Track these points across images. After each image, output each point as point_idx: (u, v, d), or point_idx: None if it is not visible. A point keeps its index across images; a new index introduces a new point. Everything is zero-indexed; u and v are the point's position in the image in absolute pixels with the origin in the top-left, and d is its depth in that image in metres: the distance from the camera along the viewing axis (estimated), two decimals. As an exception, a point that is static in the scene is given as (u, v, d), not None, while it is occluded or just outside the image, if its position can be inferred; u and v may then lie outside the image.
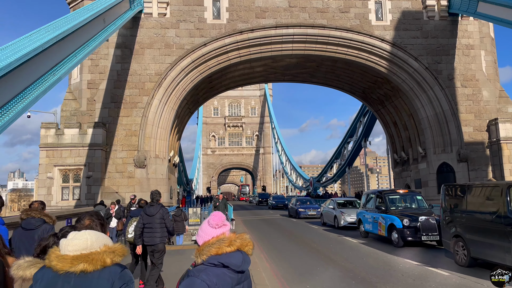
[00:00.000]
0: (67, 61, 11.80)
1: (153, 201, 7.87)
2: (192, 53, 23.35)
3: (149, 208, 7.73)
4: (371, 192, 16.48)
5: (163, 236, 7.66)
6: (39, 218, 4.90)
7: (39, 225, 4.81)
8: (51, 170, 21.08)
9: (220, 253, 2.40)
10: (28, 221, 4.85)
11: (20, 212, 5.61)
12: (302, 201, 28.78)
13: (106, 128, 22.31)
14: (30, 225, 4.82)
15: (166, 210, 8.02)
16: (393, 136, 30.17)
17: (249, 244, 2.54)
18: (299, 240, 16.28)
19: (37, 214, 4.96)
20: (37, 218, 4.88)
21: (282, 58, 26.05)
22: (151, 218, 7.61)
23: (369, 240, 15.32)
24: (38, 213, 5.02)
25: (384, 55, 24.73)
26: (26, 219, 4.88)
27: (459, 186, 10.30)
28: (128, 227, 8.47)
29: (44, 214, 5.09)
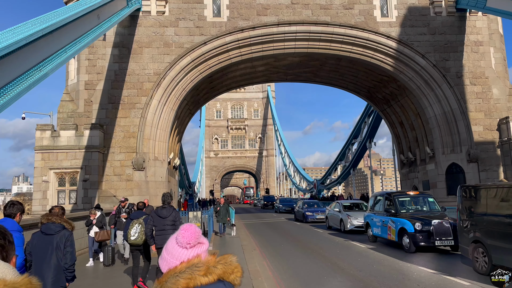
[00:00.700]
0: (56, 56, 11.10)
1: (165, 203, 7.93)
2: (191, 52, 22.65)
3: (162, 210, 7.77)
4: (379, 194, 15.66)
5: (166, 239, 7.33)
6: (59, 223, 4.91)
7: (59, 231, 4.83)
8: (47, 173, 20.40)
9: (192, 286, 1.64)
10: (48, 226, 4.85)
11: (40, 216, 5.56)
12: (309, 204, 27.70)
13: (103, 129, 21.63)
14: (49, 230, 4.82)
15: (178, 213, 8.13)
16: (399, 136, 29.32)
17: (236, 271, 1.78)
18: (304, 245, 15.48)
19: (57, 220, 4.96)
20: (57, 224, 4.90)
21: (284, 56, 25.31)
22: (163, 220, 7.67)
23: (378, 245, 14.50)
24: (58, 218, 5.01)
25: (390, 53, 23.94)
26: (46, 224, 4.88)
27: (479, 187, 9.49)
28: (130, 229, 8.42)
29: (64, 220, 5.08)
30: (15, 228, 4.65)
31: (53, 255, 4.67)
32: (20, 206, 4.91)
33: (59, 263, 4.67)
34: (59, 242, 4.72)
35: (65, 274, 4.69)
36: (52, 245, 4.70)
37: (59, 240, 4.73)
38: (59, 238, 4.76)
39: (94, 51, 23.45)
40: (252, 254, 13.13)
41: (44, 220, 4.91)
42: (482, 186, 9.55)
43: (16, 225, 4.76)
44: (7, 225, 4.51)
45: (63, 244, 4.74)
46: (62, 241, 4.73)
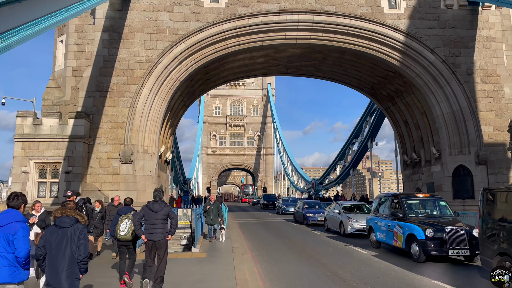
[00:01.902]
0: (24, 28, 9.72)
1: (156, 198, 7.97)
2: (186, 39, 21.25)
3: (154, 204, 7.83)
4: (385, 196, 14.32)
5: (165, 232, 7.80)
6: (73, 216, 5.02)
7: (73, 224, 4.95)
8: (27, 163, 19.00)
9: None
10: (62, 219, 4.96)
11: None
12: (310, 204, 26.05)
13: (89, 118, 20.23)
14: (64, 223, 4.94)
15: (171, 208, 8.24)
16: (403, 136, 27.97)
17: None
18: (301, 249, 14.12)
19: (71, 213, 5.06)
20: (71, 217, 5.01)
21: (285, 47, 23.92)
22: (154, 214, 7.74)
23: (382, 252, 13.15)
24: (72, 211, 5.11)
25: (397, 46, 22.57)
26: (60, 217, 4.98)
27: (509, 191, 8.13)
28: (119, 225, 8.39)
29: (77, 213, 5.18)
30: (20, 219, 4.85)
31: (67, 248, 4.79)
32: (24, 198, 5.09)
33: (73, 255, 4.79)
34: (73, 234, 4.85)
35: (78, 266, 4.82)
36: (67, 237, 4.83)
37: (73, 233, 4.87)
38: (73, 230, 4.90)
39: (83, 35, 22.03)
40: (242, 258, 11.79)
41: (58, 214, 5.01)
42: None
43: (21, 216, 4.94)
44: (12, 216, 4.82)
45: (77, 237, 4.86)
46: (76, 234, 4.86)
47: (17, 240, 4.66)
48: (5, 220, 4.79)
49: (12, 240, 4.67)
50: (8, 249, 4.67)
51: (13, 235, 4.68)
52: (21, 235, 4.69)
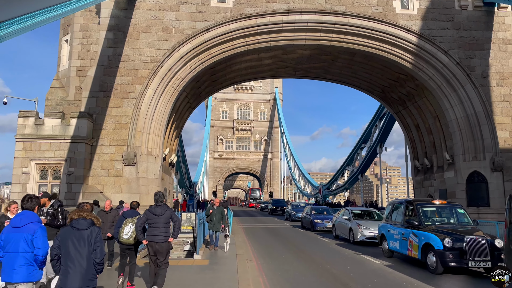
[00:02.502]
0: (18, 21, 9.22)
1: (158, 202, 7.96)
2: (192, 39, 20.76)
3: (156, 208, 7.84)
4: (398, 202, 13.57)
5: (167, 235, 7.77)
6: (90, 219, 5.10)
7: (89, 226, 5.02)
8: (28, 164, 18.56)
9: None
10: (79, 221, 5.02)
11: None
12: (318, 210, 25.16)
13: (92, 119, 19.77)
14: (81, 225, 4.99)
15: (173, 211, 8.21)
16: (415, 141, 27.17)
17: None
18: (309, 257, 13.42)
19: (88, 215, 5.14)
20: (88, 220, 5.08)
21: (293, 49, 23.33)
22: (156, 217, 7.74)
23: (395, 262, 12.40)
24: (89, 214, 5.20)
25: (409, 48, 21.87)
26: (77, 219, 5.04)
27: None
28: (123, 228, 8.38)
29: (93, 215, 5.26)
30: (36, 220, 5.03)
31: (84, 249, 4.86)
32: (37, 200, 5.35)
33: (90, 256, 4.88)
34: (89, 237, 4.93)
35: (95, 267, 4.91)
36: (84, 239, 4.90)
37: (89, 235, 4.94)
38: (90, 233, 4.97)
39: (88, 35, 21.68)
40: (247, 266, 11.12)
41: (75, 216, 5.06)
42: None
43: (37, 217, 5.12)
44: (29, 217, 4.98)
45: (93, 240, 4.94)
46: (92, 237, 4.94)
47: (36, 239, 4.92)
48: (23, 221, 5.01)
49: (32, 240, 4.91)
50: (27, 249, 4.90)
51: (32, 235, 4.92)
52: (40, 234, 4.97)
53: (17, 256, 4.88)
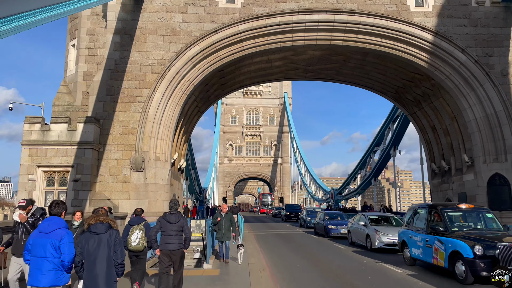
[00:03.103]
0: (17, 19, 8.76)
1: (172, 209, 8.04)
2: (200, 41, 20.26)
3: (170, 216, 7.89)
4: (420, 207, 12.77)
5: (180, 243, 7.82)
6: (107, 223, 5.25)
7: (107, 230, 5.18)
8: (34, 171, 18.15)
9: None
10: (96, 226, 5.17)
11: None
12: (331, 215, 24.30)
13: (99, 124, 19.33)
14: (99, 229, 5.15)
15: (186, 221, 8.34)
16: (431, 143, 26.25)
17: None
18: (325, 266, 12.67)
19: (105, 219, 5.29)
20: (105, 223, 5.24)
21: (304, 49, 22.70)
22: (170, 225, 7.78)
23: (419, 271, 11.59)
24: (105, 218, 5.35)
25: (425, 46, 21.08)
26: (95, 224, 5.19)
27: None
28: (130, 235, 8.40)
29: (110, 219, 5.40)
30: (64, 225, 5.13)
31: (105, 253, 4.99)
32: (64, 206, 5.47)
33: (110, 259, 5.01)
34: (109, 240, 5.05)
35: (116, 270, 5.06)
36: (103, 243, 5.02)
37: (108, 238, 5.06)
38: (108, 236, 5.09)
39: (95, 39, 21.37)
40: (260, 277, 10.44)
41: (93, 221, 5.20)
42: None
43: (64, 222, 5.21)
44: (56, 223, 5.11)
45: (113, 243, 5.08)
46: (111, 240, 5.08)
47: (63, 245, 4.98)
48: (51, 227, 5.09)
49: (59, 246, 4.98)
50: (54, 254, 4.98)
51: (59, 241, 4.99)
52: (67, 240, 5.02)
53: (44, 261, 4.98)
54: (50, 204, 5.43)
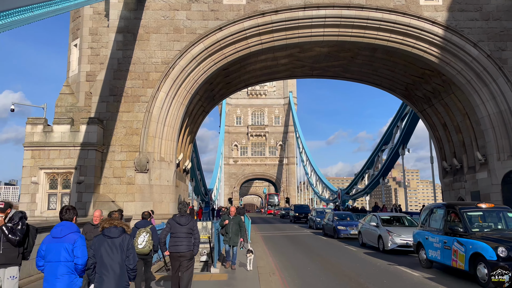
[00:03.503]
0: (13, 14, 8.34)
1: (182, 211, 8.04)
2: (205, 39, 19.82)
3: (181, 218, 7.83)
4: (436, 206, 12.20)
5: (189, 245, 7.73)
6: (120, 227, 5.28)
7: (120, 234, 5.21)
8: (36, 173, 17.80)
9: None
10: (110, 229, 5.22)
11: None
12: (340, 216, 23.69)
13: (102, 125, 18.94)
14: (113, 233, 5.19)
15: (196, 223, 8.15)
16: (442, 140, 25.62)
17: None
18: (338, 269, 12.15)
19: (119, 224, 5.32)
20: (119, 227, 5.28)
21: (311, 46, 22.19)
22: (181, 227, 7.72)
23: (436, 274, 11.03)
24: (120, 222, 5.38)
25: (435, 41, 20.48)
26: (109, 228, 5.23)
27: None
28: (137, 238, 8.33)
29: (123, 223, 5.41)
30: (76, 230, 5.31)
31: (117, 256, 5.04)
32: (75, 211, 5.54)
33: (123, 263, 5.06)
34: (122, 244, 5.10)
35: (128, 274, 5.10)
36: (116, 247, 5.07)
37: (121, 242, 5.12)
38: (121, 240, 5.14)
39: (97, 38, 21.04)
40: (270, 282, 9.94)
41: (107, 225, 5.23)
42: None
43: (76, 227, 5.36)
44: (69, 228, 5.23)
45: (126, 247, 5.11)
46: (124, 244, 5.12)
47: (76, 248, 5.06)
48: (63, 232, 5.19)
49: (72, 249, 5.06)
50: (68, 258, 5.04)
51: (73, 244, 5.08)
52: (80, 244, 5.11)
53: (58, 265, 5.05)
54: (61, 210, 5.51)
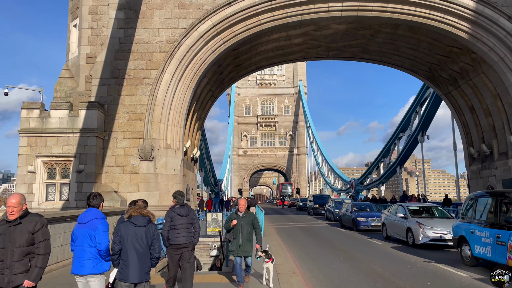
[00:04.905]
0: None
1: (179, 202, 7.56)
2: (213, 15, 18.18)
3: (181, 209, 7.45)
4: (482, 195, 10.56)
5: (190, 235, 7.40)
6: (147, 216, 5.44)
7: (147, 224, 5.36)
8: (33, 162, 16.49)
9: None
10: (137, 218, 5.36)
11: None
12: (359, 206, 21.99)
13: (103, 109, 17.53)
14: (140, 222, 5.33)
15: (195, 213, 7.86)
16: (468, 125, 23.77)
17: None
18: (368, 268, 10.62)
19: (146, 213, 5.46)
20: (146, 217, 5.42)
21: (327, 23, 20.42)
22: (181, 218, 7.39)
23: (486, 273, 9.43)
24: (147, 211, 5.50)
25: (465, 15, 18.57)
26: (136, 216, 5.37)
27: None
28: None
29: (150, 213, 5.54)
30: (100, 216, 5.40)
31: (143, 244, 5.21)
32: (101, 198, 5.66)
33: (146, 251, 5.23)
34: (147, 233, 5.27)
35: (152, 261, 5.31)
36: (142, 235, 5.24)
37: (147, 231, 5.28)
38: (147, 229, 5.30)
39: (98, 17, 19.46)
40: (292, 283, 8.45)
41: (135, 213, 5.40)
42: None
43: (101, 213, 5.47)
44: (93, 214, 5.40)
45: (151, 237, 5.29)
46: (150, 233, 5.30)
47: (98, 234, 5.19)
48: (87, 217, 5.36)
49: (94, 235, 5.20)
50: (91, 244, 5.22)
51: (94, 230, 5.21)
52: (101, 230, 5.21)
53: (83, 250, 5.21)
54: (88, 196, 5.63)
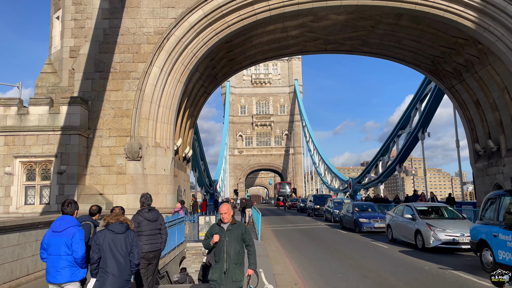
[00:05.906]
0: None
1: (144, 205, 7.20)
2: (204, 4, 17.01)
3: (149, 213, 7.02)
4: (502, 194, 9.47)
5: (157, 243, 7.06)
6: (125, 223, 5.37)
7: (125, 230, 5.31)
8: (11, 163, 15.22)
9: None
10: (115, 225, 5.27)
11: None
12: (361, 207, 20.89)
13: (87, 106, 16.29)
14: (118, 229, 5.26)
15: (163, 218, 7.43)
16: (473, 120, 22.76)
17: None
18: (378, 277, 9.50)
19: (124, 220, 5.38)
20: (124, 223, 5.34)
21: (326, 13, 19.32)
22: (150, 224, 6.97)
23: (512, 283, 8.34)
24: (125, 218, 5.43)
25: (472, 3, 17.51)
26: (114, 224, 5.29)
27: None
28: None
29: (128, 220, 5.50)
30: (75, 223, 5.41)
31: (122, 252, 5.14)
32: (76, 205, 5.71)
33: (126, 258, 5.17)
34: (126, 240, 5.20)
35: (131, 269, 5.24)
36: (121, 242, 5.17)
37: (126, 238, 5.21)
38: (126, 236, 5.24)
39: (81, 9, 18.21)
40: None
41: (113, 220, 5.32)
42: None
43: (76, 221, 5.49)
44: (68, 222, 5.38)
45: (130, 244, 5.23)
46: (129, 240, 5.24)
47: (75, 242, 5.22)
48: (63, 226, 5.31)
49: (71, 243, 5.21)
50: (68, 252, 5.23)
51: (71, 238, 5.22)
52: (78, 238, 5.25)
53: (59, 258, 5.20)
54: (62, 203, 5.60)
